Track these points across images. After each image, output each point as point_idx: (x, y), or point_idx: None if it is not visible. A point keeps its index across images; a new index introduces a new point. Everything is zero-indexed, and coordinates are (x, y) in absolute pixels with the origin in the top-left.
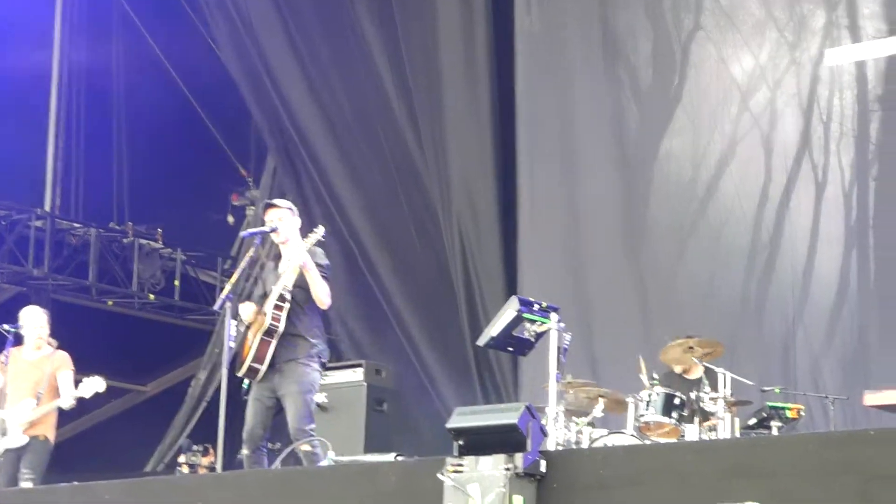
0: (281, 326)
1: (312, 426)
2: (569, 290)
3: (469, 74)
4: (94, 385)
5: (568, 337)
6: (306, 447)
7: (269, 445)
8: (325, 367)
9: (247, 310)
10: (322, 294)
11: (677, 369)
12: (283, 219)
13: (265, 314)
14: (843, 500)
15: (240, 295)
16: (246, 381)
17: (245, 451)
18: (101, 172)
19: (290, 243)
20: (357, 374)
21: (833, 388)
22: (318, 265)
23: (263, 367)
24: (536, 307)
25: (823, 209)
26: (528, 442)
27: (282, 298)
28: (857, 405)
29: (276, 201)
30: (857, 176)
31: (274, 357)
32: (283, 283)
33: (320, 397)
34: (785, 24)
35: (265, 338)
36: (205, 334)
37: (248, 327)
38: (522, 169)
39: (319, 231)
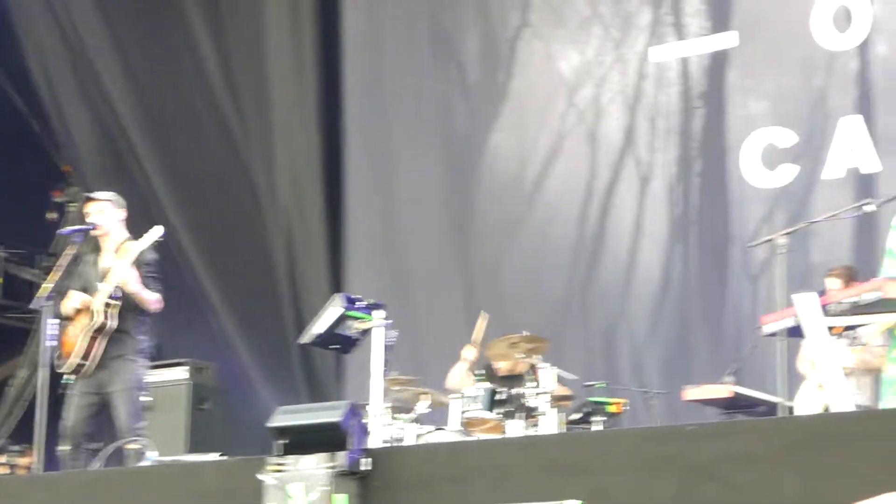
0: (113, 324)
1: (142, 424)
2: (396, 286)
3: (296, 70)
4: None
5: (393, 334)
6: (134, 445)
7: (89, 445)
8: (149, 365)
9: (70, 303)
10: (147, 302)
11: (502, 365)
12: (103, 211)
13: (93, 311)
14: (662, 495)
15: (60, 293)
16: (67, 377)
17: (65, 447)
18: None
19: (112, 236)
20: (180, 373)
21: (655, 383)
22: (146, 263)
23: (92, 364)
24: (361, 304)
25: (648, 204)
26: (351, 440)
27: (113, 296)
28: (678, 400)
29: (95, 194)
30: (681, 171)
31: (101, 354)
32: (114, 281)
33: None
34: (611, 21)
35: (95, 335)
36: (24, 333)
37: (67, 322)
38: (350, 165)
39: (157, 231)
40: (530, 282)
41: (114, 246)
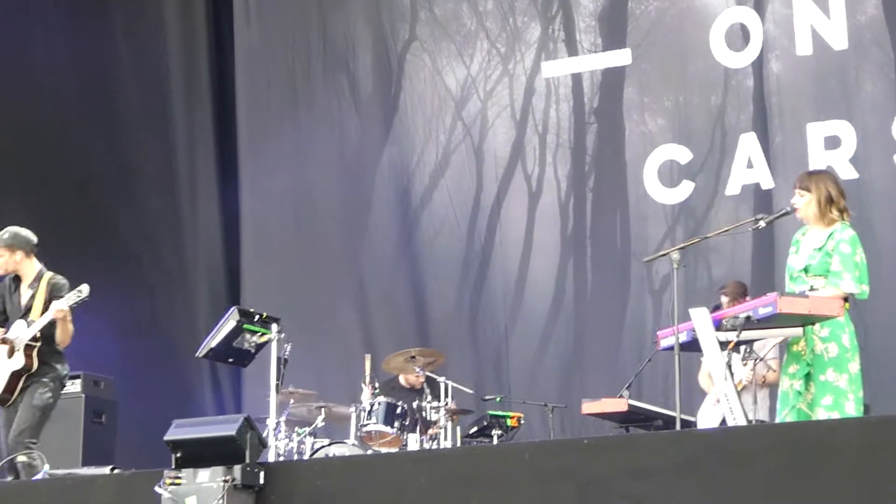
0: (34, 366)
1: (34, 441)
2: (293, 299)
3: (191, 84)
4: None
5: (288, 347)
6: (23, 458)
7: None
8: (63, 387)
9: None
10: (67, 339)
11: (400, 379)
12: (1, 255)
13: (15, 352)
14: None
15: None
16: None
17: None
18: None
19: (24, 270)
20: (75, 386)
21: (548, 396)
22: (60, 297)
23: (13, 397)
24: (257, 318)
25: (537, 219)
26: (247, 453)
27: (34, 339)
28: (575, 413)
29: None
30: (572, 186)
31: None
32: (36, 326)
33: None
34: (497, 36)
35: (16, 373)
36: None
37: None
38: (244, 179)
39: (84, 291)
40: (420, 295)
41: (29, 279)
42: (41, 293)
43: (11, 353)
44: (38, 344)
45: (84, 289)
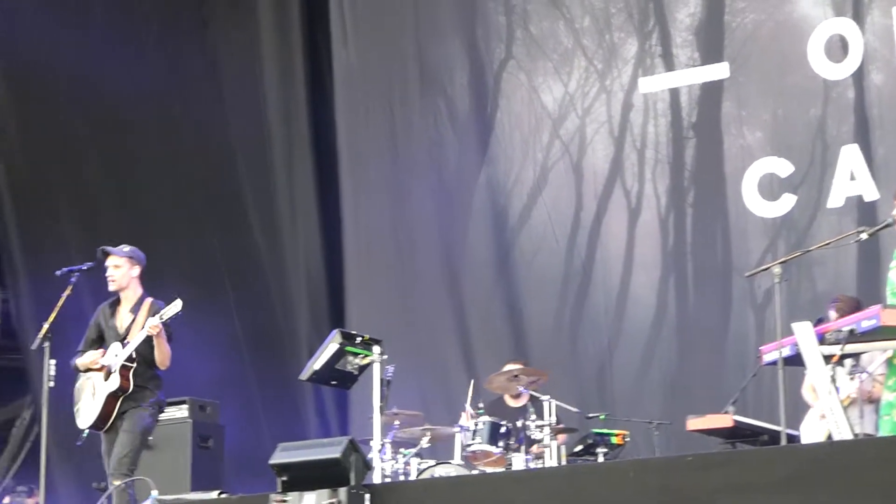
0: (130, 387)
1: (132, 468)
2: (395, 320)
3: (289, 106)
4: None
5: (391, 369)
6: (119, 483)
7: (94, 485)
8: (161, 411)
9: (87, 359)
10: (165, 360)
11: (504, 398)
12: (119, 266)
13: (111, 373)
14: None
15: (55, 333)
16: (86, 432)
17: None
18: None
19: (129, 292)
20: (182, 411)
21: (653, 413)
22: (164, 324)
23: (110, 422)
24: (359, 340)
25: (638, 235)
26: (352, 475)
27: (130, 359)
28: (680, 430)
29: (109, 248)
30: (672, 202)
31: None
32: (131, 346)
33: None
34: (594, 53)
35: (112, 397)
36: (24, 374)
37: (85, 373)
38: (346, 202)
39: (177, 305)
40: (520, 314)
41: (131, 303)
42: (142, 317)
43: (108, 375)
44: (134, 365)
45: (177, 303)
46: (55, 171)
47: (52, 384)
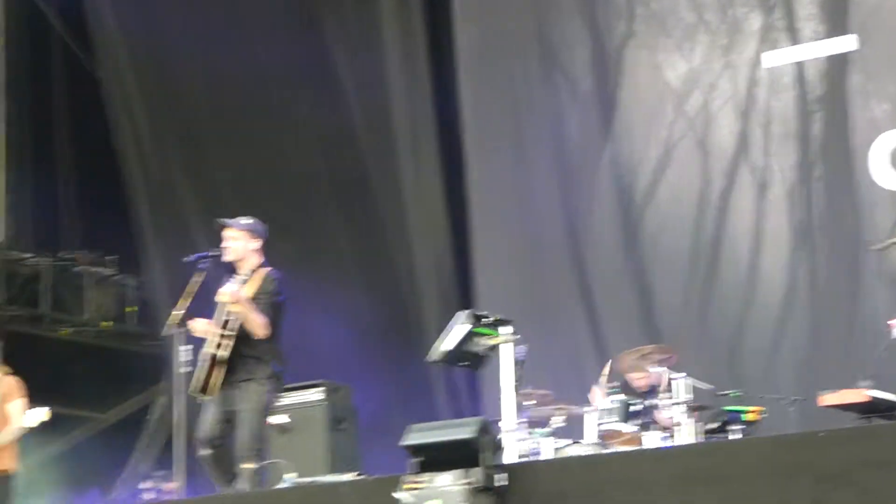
0: (226, 354)
1: (260, 447)
2: (523, 301)
3: (412, 87)
4: (38, 415)
5: (523, 349)
6: (250, 465)
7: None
8: (281, 389)
9: (197, 327)
10: (255, 327)
11: (635, 376)
12: (237, 238)
13: (216, 339)
14: (797, 501)
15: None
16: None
17: (204, 453)
18: (49, 200)
19: (245, 263)
20: (317, 394)
21: (785, 389)
22: (265, 293)
23: (211, 391)
24: (487, 320)
25: (765, 211)
26: (486, 456)
27: (226, 326)
28: (814, 406)
29: (230, 221)
30: (799, 176)
31: (232, 376)
32: (226, 311)
33: (282, 418)
34: (717, 28)
35: (210, 364)
36: (161, 360)
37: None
38: (472, 183)
39: (272, 274)
40: (648, 292)
41: (246, 273)
42: (250, 285)
43: (211, 343)
44: (232, 333)
45: (273, 272)
46: (181, 159)
47: (186, 370)
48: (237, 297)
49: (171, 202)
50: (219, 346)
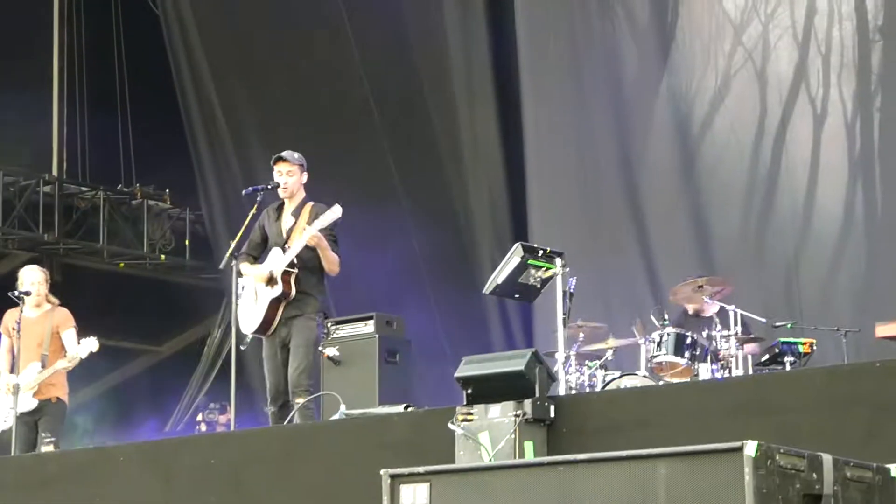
0: (292, 293)
1: (311, 382)
2: (577, 233)
3: (467, 20)
4: (89, 345)
5: (573, 281)
6: (300, 400)
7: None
8: (327, 319)
9: (251, 271)
10: (333, 266)
11: (688, 308)
12: (292, 173)
13: (274, 279)
14: (851, 433)
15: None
16: (249, 336)
17: (271, 408)
18: (107, 135)
19: (295, 197)
20: (368, 327)
21: (840, 320)
22: (325, 229)
23: (273, 327)
24: (541, 253)
25: (823, 141)
26: (536, 387)
27: (291, 265)
28: (869, 337)
29: (284, 154)
30: (859, 107)
31: (283, 313)
32: (292, 252)
33: (332, 351)
34: None
35: (275, 302)
36: (217, 293)
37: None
38: (527, 115)
39: (336, 211)
40: (704, 223)
41: (294, 208)
42: (302, 220)
43: (269, 281)
44: (295, 271)
45: (336, 209)
46: (239, 94)
47: (241, 301)
48: (319, 237)
49: (227, 136)
50: (287, 284)
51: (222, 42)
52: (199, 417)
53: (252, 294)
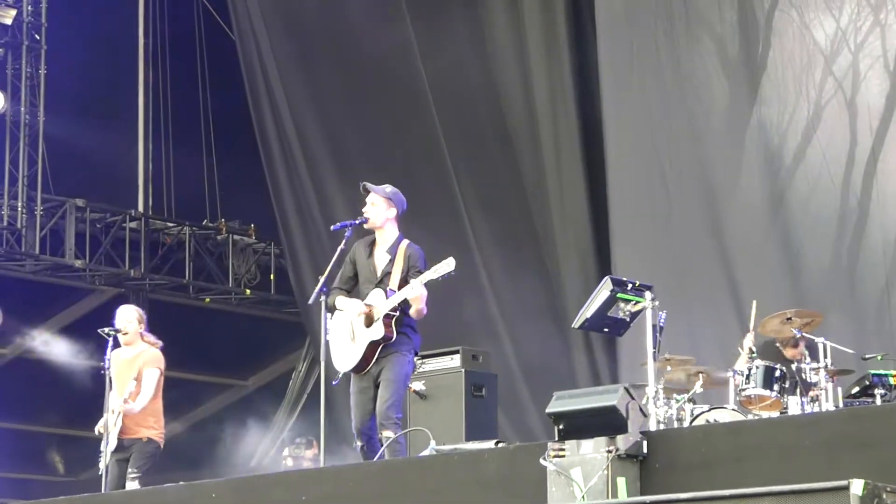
0: (394, 337)
1: (400, 416)
2: (661, 266)
3: (551, 53)
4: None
5: (663, 315)
6: (389, 434)
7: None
8: (417, 355)
9: (350, 311)
10: (422, 313)
11: (784, 351)
12: (375, 204)
13: (373, 321)
14: None
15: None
16: (341, 373)
17: (359, 444)
18: (192, 170)
19: (385, 233)
20: (454, 361)
21: None
22: (419, 271)
23: (369, 366)
24: (630, 286)
25: None
26: (629, 423)
27: (394, 309)
28: None
29: (372, 186)
30: None
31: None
32: (397, 297)
33: (418, 385)
34: None
35: (374, 344)
36: (302, 327)
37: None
38: (610, 145)
39: (450, 265)
40: (795, 254)
41: (387, 244)
42: (399, 261)
43: (369, 321)
44: (397, 314)
45: (449, 262)
46: (317, 129)
47: (329, 337)
48: (423, 296)
49: (307, 171)
50: (388, 328)
51: (301, 79)
52: (286, 452)
53: (348, 332)
